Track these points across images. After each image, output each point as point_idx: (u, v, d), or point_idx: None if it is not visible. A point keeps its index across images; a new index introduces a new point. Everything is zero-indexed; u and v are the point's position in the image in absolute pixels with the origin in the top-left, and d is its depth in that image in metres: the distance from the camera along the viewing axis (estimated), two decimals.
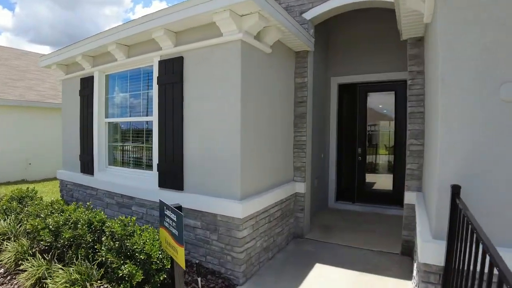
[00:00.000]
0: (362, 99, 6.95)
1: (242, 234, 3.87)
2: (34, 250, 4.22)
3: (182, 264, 3.05)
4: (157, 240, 3.60)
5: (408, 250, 4.64)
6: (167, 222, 3.34)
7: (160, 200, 3.52)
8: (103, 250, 3.54)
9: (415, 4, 3.36)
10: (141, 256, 3.24)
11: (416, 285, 3.68)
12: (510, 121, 2.48)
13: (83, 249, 3.70)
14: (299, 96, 5.28)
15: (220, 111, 4.00)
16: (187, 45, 4.20)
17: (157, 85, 4.56)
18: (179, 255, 3.11)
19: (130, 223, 3.68)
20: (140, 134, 5.25)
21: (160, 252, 3.40)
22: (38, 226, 4.03)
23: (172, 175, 4.44)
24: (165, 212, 3.38)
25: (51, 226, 3.94)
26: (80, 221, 3.85)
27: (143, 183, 4.91)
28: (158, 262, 3.33)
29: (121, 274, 3.17)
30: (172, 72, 4.38)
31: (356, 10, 5.45)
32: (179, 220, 3.05)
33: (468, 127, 2.59)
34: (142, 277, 3.17)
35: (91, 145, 5.78)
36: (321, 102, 6.73)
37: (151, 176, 4.82)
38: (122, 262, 3.32)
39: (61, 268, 3.54)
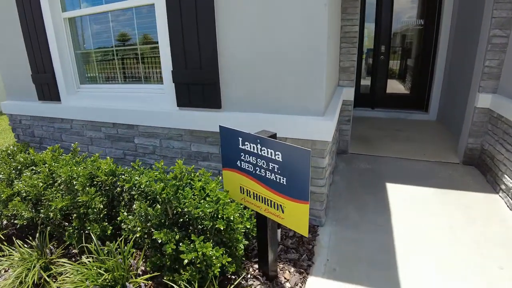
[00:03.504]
0: None
1: (325, 161, 2.48)
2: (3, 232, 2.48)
3: (304, 231, 1.63)
4: (221, 190, 2.08)
5: (472, 159, 3.68)
6: (248, 163, 1.80)
7: (222, 127, 1.90)
8: (132, 219, 1.95)
9: None
10: (218, 225, 1.72)
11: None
12: None
13: (95, 224, 2.06)
14: None
15: None
16: None
17: None
18: (289, 215, 1.67)
19: (182, 172, 2.01)
20: (130, 29, 3.19)
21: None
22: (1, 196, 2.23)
23: (200, 87, 2.69)
24: (241, 147, 1.80)
25: (24, 194, 2.16)
26: (78, 178, 2.12)
27: (149, 104, 3.09)
28: (240, 227, 1.87)
29: (186, 262, 1.68)
30: None
31: None
32: (301, 160, 1.52)
33: None
34: (228, 259, 1.71)
35: (47, 58, 3.58)
36: None
37: (163, 92, 3.00)
38: (177, 237, 1.79)
39: (66, 263, 1.93)
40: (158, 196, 1.94)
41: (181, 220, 1.97)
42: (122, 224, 2.09)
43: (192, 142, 2.92)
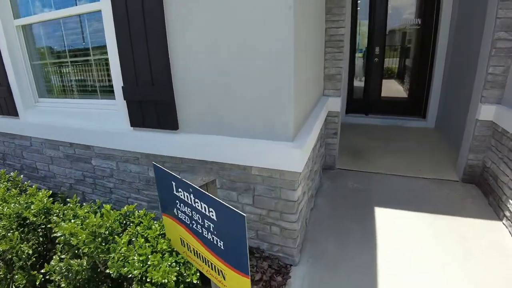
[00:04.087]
0: None
1: (297, 194, 2.08)
2: None
3: None
4: (162, 237, 1.71)
5: (473, 177, 3.26)
6: (184, 213, 1.42)
7: (156, 167, 1.51)
8: (59, 271, 1.60)
9: None
10: None
11: None
12: None
13: (19, 274, 1.71)
14: None
15: None
16: None
17: None
18: (231, 285, 1.28)
19: (101, 226, 1.64)
20: (83, 39, 2.80)
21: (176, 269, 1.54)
22: None
23: (153, 106, 2.30)
24: (176, 194, 1.42)
25: None
26: (1, 221, 1.77)
27: (103, 122, 2.71)
28: None
29: None
30: None
31: None
32: (236, 224, 1.13)
33: None
34: None
35: (1, 69, 3.21)
36: None
37: (115, 109, 2.63)
38: None
39: None
40: (86, 249, 1.58)
41: (110, 276, 1.61)
42: (48, 275, 1.74)
43: (150, 167, 2.54)
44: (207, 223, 1.27)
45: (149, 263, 1.45)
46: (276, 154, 1.96)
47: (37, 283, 1.86)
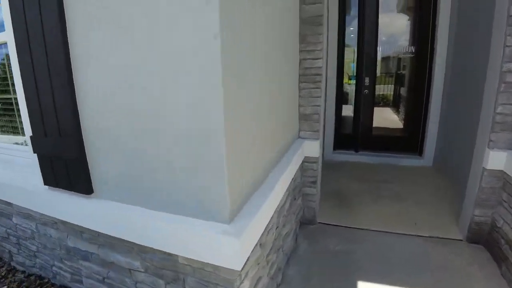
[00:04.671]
0: (371, 5, 4.19)
1: None
2: None
3: None
4: None
5: (479, 236, 2.65)
6: None
7: None
8: None
9: None
10: None
11: None
12: None
13: None
14: None
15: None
16: None
17: None
18: None
19: None
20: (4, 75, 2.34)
21: None
22: None
23: (63, 162, 1.76)
24: None
25: None
26: None
27: (19, 175, 2.19)
28: None
29: None
30: None
31: None
32: None
33: None
34: None
35: None
36: None
37: (29, 161, 2.10)
38: None
39: None
40: None
41: None
42: None
43: (69, 234, 1.98)
44: None
45: None
46: (204, 241, 1.39)
47: None
